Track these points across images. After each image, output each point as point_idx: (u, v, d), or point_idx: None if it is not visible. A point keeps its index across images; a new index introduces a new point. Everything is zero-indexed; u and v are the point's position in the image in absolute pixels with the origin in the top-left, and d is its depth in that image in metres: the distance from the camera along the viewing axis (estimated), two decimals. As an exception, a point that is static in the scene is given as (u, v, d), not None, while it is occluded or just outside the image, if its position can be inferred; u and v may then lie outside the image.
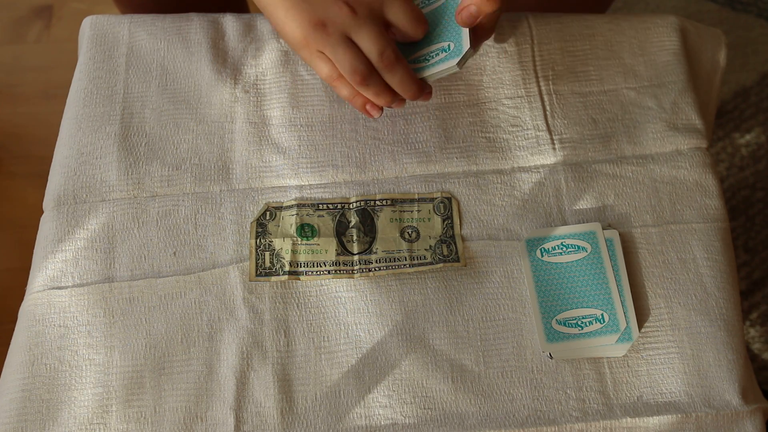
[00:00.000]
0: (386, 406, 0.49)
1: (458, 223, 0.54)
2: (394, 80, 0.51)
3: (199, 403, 0.49)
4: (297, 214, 0.54)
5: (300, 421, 0.49)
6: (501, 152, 0.57)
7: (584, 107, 0.59)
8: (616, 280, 0.52)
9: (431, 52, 0.53)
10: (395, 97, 0.53)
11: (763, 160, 1.13)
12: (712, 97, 0.64)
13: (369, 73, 0.50)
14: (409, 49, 0.54)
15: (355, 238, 0.53)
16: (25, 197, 1.10)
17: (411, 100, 0.53)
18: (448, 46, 0.53)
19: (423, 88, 0.53)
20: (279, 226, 0.54)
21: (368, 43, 0.49)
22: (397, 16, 0.50)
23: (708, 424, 0.49)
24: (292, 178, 0.55)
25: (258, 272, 0.52)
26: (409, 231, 0.54)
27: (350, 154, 0.56)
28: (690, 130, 0.58)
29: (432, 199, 0.55)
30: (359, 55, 0.50)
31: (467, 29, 0.52)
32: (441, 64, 0.53)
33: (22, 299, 0.53)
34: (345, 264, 0.53)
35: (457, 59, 0.52)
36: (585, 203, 0.55)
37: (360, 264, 0.52)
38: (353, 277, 0.52)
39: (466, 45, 0.51)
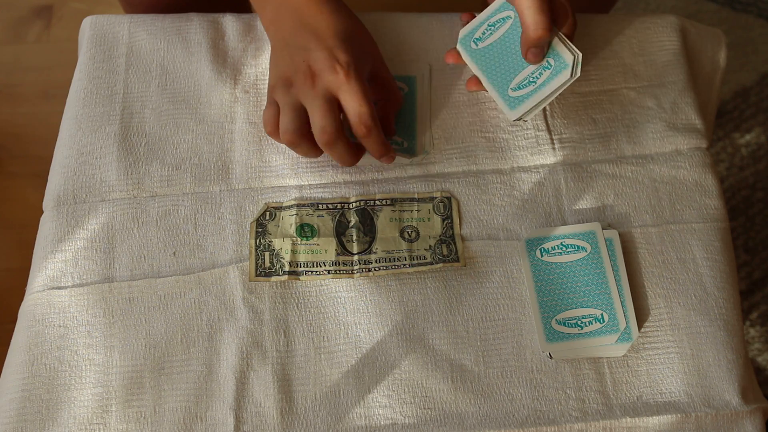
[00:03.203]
0: (386, 406, 0.49)
1: (458, 222, 0.54)
2: (333, 153, 0.51)
3: (199, 403, 0.49)
4: (297, 214, 0.54)
5: (300, 421, 0.49)
6: (501, 152, 0.57)
7: (584, 107, 0.59)
8: (615, 280, 0.52)
9: (536, 72, 0.53)
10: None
11: (763, 160, 1.13)
12: (712, 97, 0.64)
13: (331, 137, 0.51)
14: (507, 75, 0.53)
15: (354, 238, 0.53)
16: (25, 197, 1.10)
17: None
18: (548, 62, 0.52)
19: (389, 150, 0.53)
20: (279, 226, 0.54)
21: (316, 115, 0.50)
22: (346, 106, 0.50)
23: (708, 424, 0.49)
24: (291, 177, 0.55)
25: (258, 272, 0.52)
26: (409, 231, 0.54)
27: (350, 154, 0.56)
28: (690, 130, 0.58)
29: (432, 199, 0.55)
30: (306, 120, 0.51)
31: (561, 41, 0.51)
32: (552, 80, 0.52)
33: (22, 299, 0.53)
34: (345, 264, 0.53)
35: (570, 72, 0.51)
36: (585, 203, 0.55)
37: (360, 264, 0.52)
38: (353, 277, 0.52)
39: (569, 56, 0.51)
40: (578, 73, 0.51)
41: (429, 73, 0.59)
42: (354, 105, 0.49)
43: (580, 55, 0.51)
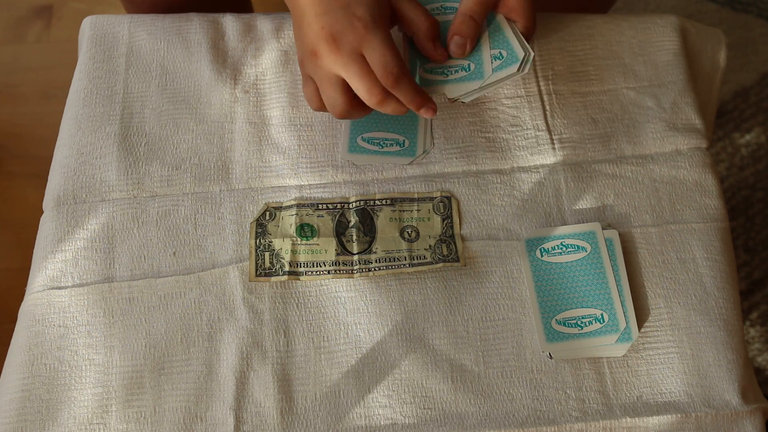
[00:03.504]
0: (386, 406, 0.49)
1: (458, 222, 0.54)
2: (387, 110, 0.51)
3: (199, 403, 0.49)
4: (296, 214, 0.54)
5: (300, 421, 0.49)
6: (501, 152, 0.57)
7: (584, 107, 0.59)
8: (615, 280, 0.52)
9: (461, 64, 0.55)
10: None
11: (763, 160, 1.13)
12: (712, 97, 0.64)
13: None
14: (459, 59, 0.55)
15: (354, 237, 0.53)
16: (25, 197, 1.10)
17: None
18: (500, 53, 0.54)
19: (427, 101, 0.52)
20: (279, 226, 0.54)
21: (355, 82, 0.50)
22: (371, 60, 0.50)
23: (708, 424, 0.49)
24: (291, 177, 0.55)
25: (258, 272, 0.52)
26: (409, 231, 0.54)
27: (350, 154, 0.56)
28: (690, 130, 0.58)
29: (431, 199, 0.55)
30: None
31: (516, 37, 0.53)
32: (499, 71, 0.53)
33: (22, 299, 0.53)
34: (345, 264, 0.53)
35: (517, 67, 0.53)
36: (585, 203, 0.55)
37: (360, 264, 0.52)
38: (353, 277, 0.52)
39: (520, 52, 0.53)
40: (525, 71, 0.53)
41: None
42: (377, 57, 0.49)
43: (532, 55, 0.53)
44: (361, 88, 0.49)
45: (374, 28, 0.49)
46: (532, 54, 0.52)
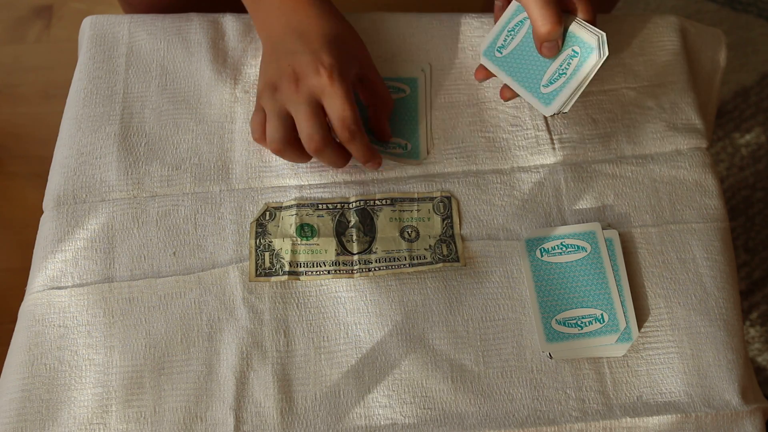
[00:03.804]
0: (386, 406, 0.49)
1: (458, 222, 0.54)
2: (323, 158, 0.52)
3: (199, 403, 0.49)
4: (296, 214, 0.54)
5: (300, 421, 0.49)
6: (501, 152, 0.57)
7: (584, 107, 0.59)
8: (615, 280, 0.52)
9: (564, 64, 0.52)
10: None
11: (763, 160, 1.13)
12: (712, 97, 0.64)
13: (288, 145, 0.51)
14: (536, 74, 0.53)
15: (354, 237, 0.53)
16: (25, 197, 1.10)
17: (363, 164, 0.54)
18: (573, 51, 0.51)
19: (374, 156, 0.53)
20: (279, 226, 0.54)
21: (302, 122, 0.50)
22: (329, 110, 0.50)
23: (708, 424, 0.49)
24: (291, 177, 0.55)
25: (258, 272, 0.52)
26: (409, 231, 0.54)
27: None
28: (690, 130, 0.58)
29: (431, 199, 0.55)
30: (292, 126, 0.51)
31: (581, 27, 0.51)
32: (583, 66, 0.51)
33: (22, 299, 0.53)
34: (345, 264, 0.53)
35: (597, 53, 0.50)
36: (585, 203, 0.55)
37: (360, 264, 0.52)
38: (353, 277, 0.52)
39: (592, 39, 0.50)
40: (606, 53, 0.50)
41: (429, 73, 0.59)
42: (337, 108, 0.49)
43: (604, 34, 0.50)
44: (304, 130, 0.50)
45: (338, 79, 0.49)
46: (604, 34, 0.50)
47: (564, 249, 0.53)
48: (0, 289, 1.04)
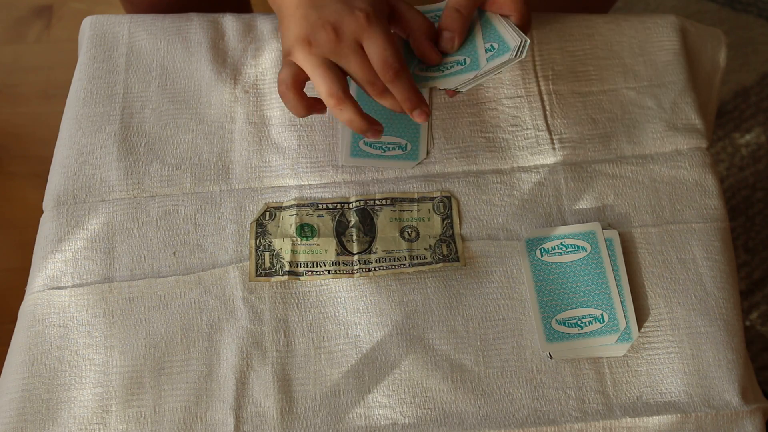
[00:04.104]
0: (386, 406, 0.49)
1: (458, 222, 0.54)
2: (386, 102, 0.51)
3: (199, 403, 0.49)
4: (296, 214, 0.54)
5: (300, 421, 0.49)
6: (501, 152, 0.57)
7: (584, 107, 0.59)
8: (615, 280, 0.52)
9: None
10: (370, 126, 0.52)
11: (763, 160, 1.13)
12: (712, 97, 0.64)
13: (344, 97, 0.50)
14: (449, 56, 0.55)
15: (354, 237, 0.53)
16: (25, 197, 1.10)
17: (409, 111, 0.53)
18: (491, 46, 0.54)
19: (421, 102, 0.52)
20: (279, 226, 0.54)
21: (354, 68, 0.49)
22: (370, 52, 0.49)
23: (708, 424, 0.49)
24: (291, 177, 0.55)
25: (258, 272, 0.52)
26: (409, 230, 0.54)
27: (350, 154, 0.56)
28: (690, 130, 0.58)
29: (431, 199, 0.55)
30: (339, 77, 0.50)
31: (509, 26, 0.53)
32: (494, 60, 0.53)
33: (22, 299, 0.53)
34: (345, 264, 0.53)
35: (509, 53, 0.52)
36: (585, 203, 0.55)
37: (360, 264, 0.52)
38: (353, 277, 0.52)
39: (512, 41, 0.52)
40: (523, 56, 0.52)
41: None
42: (377, 50, 0.48)
43: (528, 41, 0.52)
44: (363, 79, 0.49)
45: (375, 20, 0.48)
46: (528, 40, 0.52)
47: (564, 249, 0.53)
48: (0, 289, 1.04)
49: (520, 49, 0.52)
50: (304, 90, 0.51)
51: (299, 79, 0.50)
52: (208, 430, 0.48)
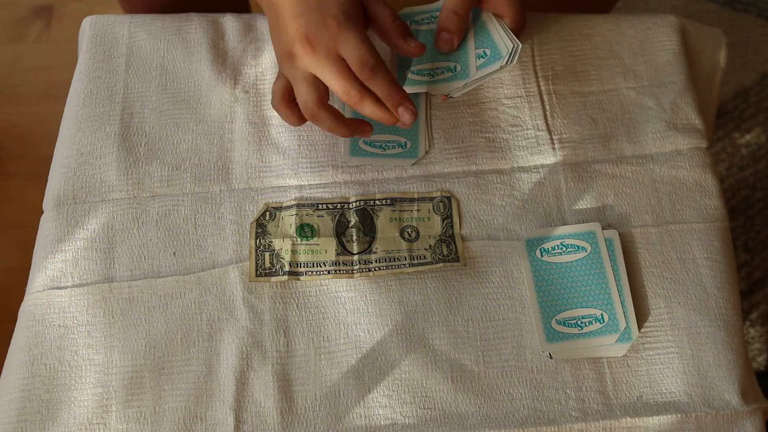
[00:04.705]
0: (386, 406, 0.49)
1: (458, 222, 0.54)
2: (366, 111, 0.51)
3: (199, 403, 0.49)
4: (296, 215, 0.54)
5: (300, 421, 0.49)
6: (501, 152, 0.57)
7: (584, 107, 0.59)
8: (615, 280, 0.52)
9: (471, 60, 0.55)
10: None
11: (763, 160, 1.13)
12: (712, 97, 0.64)
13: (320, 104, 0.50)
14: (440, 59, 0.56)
15: (354, 237, 0.53)
16: (25, 197, 1.10)
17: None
18: (484, 52, 0.54)
19: (405, 98, 0.51)
20: (279, 226, 0.54)
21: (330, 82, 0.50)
22: (346, 55, 0.50)
23: (708, 424, 0.49)
24: (291, 177, 0.55)
25: (258, 272, 0.52)
26: (409, 230, 0.54)
27: (350, 154, 0.56)
28: (690, 130, 0.58)
29: (431, 199, 0.55)
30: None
31: (502, 30, 0.54)
32: (484, 68, 0.54)
33: (22, 299, 0.53)
34: (345, 264, 0.53)
35: (500, 62, 0.53)
36: (585, 203, 0.55)
37: (360, 264, 0.52)
38: (353, 277, 0.52)
39: (504, 48, 0.53)
40: (514, 62, 0.53)
41: None
42: (351, 51, 0.49)
43: (520, 46, 0.53)
44: (338, 88, 0.49)
45: (347, 24, 0.49)
46: (520, 45, 0.52)
47: (564, 249, 0.53)
48: (0, 289, 1.04)
49: (511, 56, 0.53)
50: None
51: (288, 91, 0.51)
52: (208, 430, 0.48)
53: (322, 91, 0.50)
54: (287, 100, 0.51)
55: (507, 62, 0.53)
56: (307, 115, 0.50)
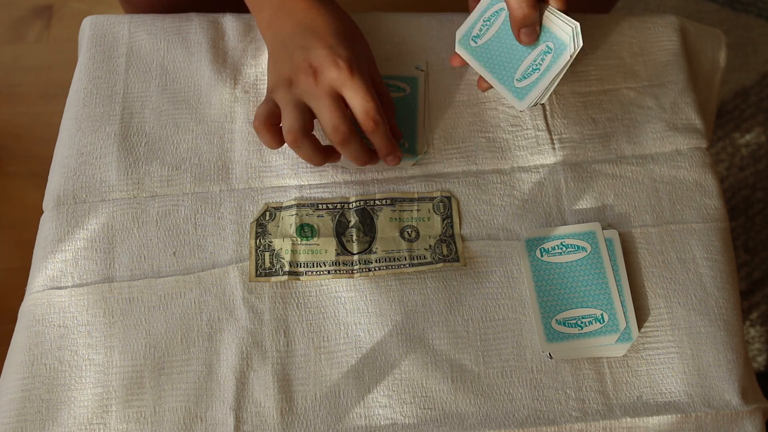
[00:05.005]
0: (386, 406, 0.49)
1: (458, 222, 0.54)
2: (348, 152, 0.51)
3: (199, 403, 0.49)
4: (296, 214, 0.54)
5: (300, 421, 0.49)
6: (501, 152, 0.57)
7: (584, 107, 0.59)
8: (615, 280, 0.52)
9: (537, 59, 0.52)
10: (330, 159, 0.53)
11: (763, 160, 1.13)
12: (712, 97, 0.64)
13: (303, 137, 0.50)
14: (510, 67, 0.53)
15: (354, 237, 0.53)
16: (25, 197, 1.10)
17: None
18: (547, 47, 0.52)
19: (396, 148, 0.53)
20: (279, 226, 0.54)
21: (326, 116, 0.50)
22: (353, 102, 0.50)
23: (708, 424, 0.49)
24: (291, 177, 0.55)
25: (258, 272, 0.52)
26: (409, 230, 0.54)
27: (350, 154, 0.56)
28: (690, 130, 0.58)
29: (431, 199, 0.55)
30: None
31: (554, 16, 0.50)
32: (557, 61, 0.51)
33: (22, 299, 0.53)
34: (345, 264, 0.53)
35: (571, 48, 0.50)
36: (585, 203, 0.55)
37: (360, 264, 0.52)
38: (353, 277, 0.52)
39: (564, 34, 0.50)
40: (581, 43, 0.50)
41: (426, 73, 0.59)
42: (360, 100, 0.49)
43: (578, 25, 0.50)
44: (329, 122, 0.49)
45: (358, 72, 0.49)
46: (578, 24, 0.49)
47: (564, 249, 0.53)
48: (0, 289, 1.04)
49: (575, 39, 0.50)
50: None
51: (274, 116, 0.51)
52: (208, 430, 0.48)
53: (309, 120, 0.50)
54: (270, 124, 0.51)
55: (575, 47, 0.50)
56: (288, 140, 0.50)
